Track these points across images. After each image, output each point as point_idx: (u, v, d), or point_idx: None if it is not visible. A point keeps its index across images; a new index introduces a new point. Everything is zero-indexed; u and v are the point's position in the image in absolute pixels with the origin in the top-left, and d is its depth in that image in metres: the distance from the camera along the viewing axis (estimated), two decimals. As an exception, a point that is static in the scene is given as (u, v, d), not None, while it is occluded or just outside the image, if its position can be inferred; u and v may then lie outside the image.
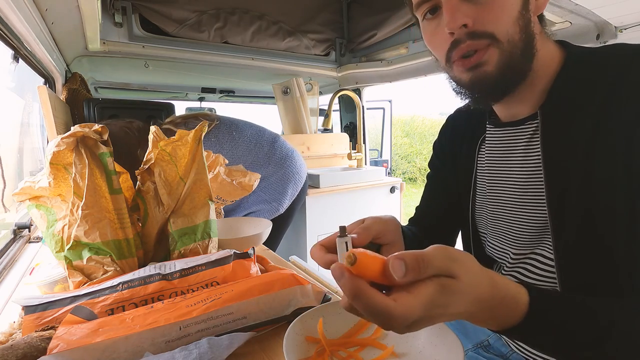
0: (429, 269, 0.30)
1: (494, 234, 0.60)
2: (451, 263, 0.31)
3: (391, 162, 5.76)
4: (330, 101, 2.10)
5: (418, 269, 0.29)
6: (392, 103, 5.29)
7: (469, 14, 0.45)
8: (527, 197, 0.53)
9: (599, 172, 0.44)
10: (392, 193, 2.06)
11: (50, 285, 0.62)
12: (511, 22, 0.45)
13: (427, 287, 0.29)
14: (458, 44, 0.47)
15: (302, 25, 2.06)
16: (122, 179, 0.67)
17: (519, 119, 0.54)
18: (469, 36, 0.46)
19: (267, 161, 1.41)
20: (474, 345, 0.68)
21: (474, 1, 0.45)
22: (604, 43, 1.17)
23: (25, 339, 0.41)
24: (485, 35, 0.45)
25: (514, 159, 0.55)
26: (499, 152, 0.58)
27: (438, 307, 0.30)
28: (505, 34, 0.45)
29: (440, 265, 0.30)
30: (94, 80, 1.94)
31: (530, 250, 0.54)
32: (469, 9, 0.45)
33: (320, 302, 0.53)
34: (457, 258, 0.32)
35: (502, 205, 0.57)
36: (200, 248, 0.70)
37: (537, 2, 0.48)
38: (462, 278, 0.31)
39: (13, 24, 0.85)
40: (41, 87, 1.09)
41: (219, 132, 1.35)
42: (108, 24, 1.55)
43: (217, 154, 1.22)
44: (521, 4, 0.46)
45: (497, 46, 0.46)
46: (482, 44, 0.46)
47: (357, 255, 0.30)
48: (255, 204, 1.42)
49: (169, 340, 0.43)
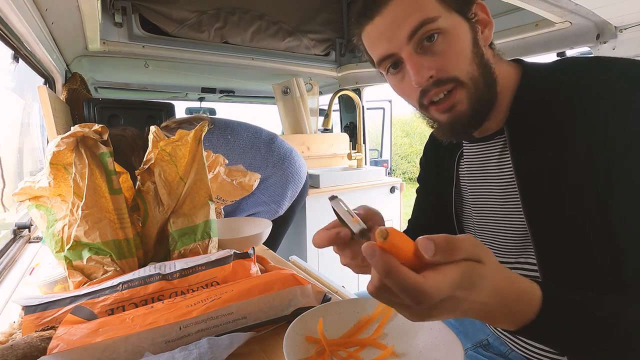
0: (459, 252, 0.31)
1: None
2: (479, 250, 0.32)
3: (391, 162, 5.76)
4: (330, 101, 2.10)
5: (448, 250, 0.30)
6: (392, 103, 5.29)
7: (432, 66, 0.49)
8: (506, 208, 0.56)
9: (565, 179, 0.46)
10: (392, 193, 2.06)
11: (50, 285, 0.62)
12: (468, 62, 0.50)
13: (456, 268, 0.30)
14: (427, 92, 0.51)
15: (302, 25, 2.06)
16: (122, 179, 0.67)
17: (489, 134, 0.57)
18: (435, 84, 0.50)
19: (265, 163, 1.39)
20: (474, 344, 0.68)
21: (430, 52, 0.49)
22: (604, 43, 1.17)
23: (25, 339, 0.41)
24: (449, 80, 0.50)
25: (490, 171, 0.58)
26: (476, 166, 0.61)
27: (463, 290, 0.31)
28: (466, 73, 0.50)
29: (470, 250, 0.31)
30: (94, 80, 1.94)
31: (516, 259, 0.56)
32: (430, 61, 0.49)
33: (320, 302, 0.53)
34: (484, 247, 0.33)
35: (484, 216, 0.60)
36: (200, 248, 0.70)
37: (483, 34, 0.52)
38: (489, 265, 0.32)
39: (13, 24, 0.85)
40: (41, 87, 1.09)
41: (212, 136, 1.33)
42: (108, 24, 1.55)
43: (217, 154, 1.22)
44: (471, 43, 0.50)
45: (462, 87, 0.50)
46: (448, 88, 0.50)
47: (388, 231, 0.30)
48: (254, 205, 1.40)
49: (169, 340, 0.43)
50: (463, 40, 0.50)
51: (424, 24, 0.48)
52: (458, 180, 0.65)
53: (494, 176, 0.57)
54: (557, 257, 0.48)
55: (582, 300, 0.38)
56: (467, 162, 0.63)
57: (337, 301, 0.50)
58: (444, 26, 0.48)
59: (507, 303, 0.34)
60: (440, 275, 0.30)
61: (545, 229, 0.49)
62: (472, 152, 0.61)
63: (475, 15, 0.52)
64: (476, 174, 0.61)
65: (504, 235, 0.57)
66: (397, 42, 0.50)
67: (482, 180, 0.60)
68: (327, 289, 0.65)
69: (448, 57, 0.49)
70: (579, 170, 0.45)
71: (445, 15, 0.48)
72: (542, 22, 1.25)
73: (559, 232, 0.47)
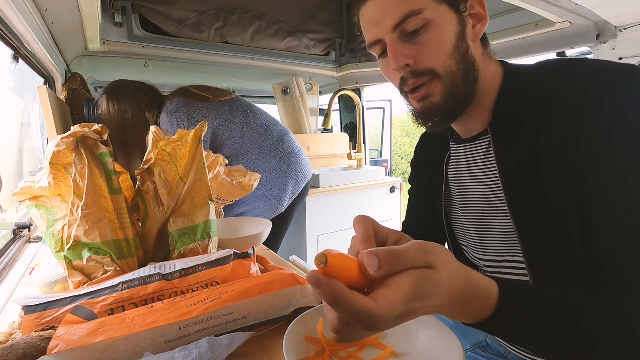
0: (403, 261, 0.29)
1: (472, 244, 0.62)
2: (427, 255, 0.31)
3: (391, 162, 5.76)
4: (330, 101, 2.10)
5: (390, 262, 0.29)
6: (392, 103, 5.29)
7: (410, 55, 0.51)
8: (492, 207, 0.56)
9: (544, 174, 0.47)
10: (392, 193, 2.06)
11: (50, 285, 0.62)
12: (447, 56, 0.50)
13: (405, 279, 0.29)
14: (405, 81, 0.53)
15: (302, 25, 2.06)
16: (122, 179, 0.67)
17: (474, 135, 0.58)
18: (413, 74, 0.52)
19: (273, 153, 1.39)
20: (473, 345, 0.68)
21: (412, 42, 0.51)
22: (604, 43, 1.17)
23: (25, 339, 0.41)
24: (426, 72, 0.51)
25: (476, 172, 0.59)
26: (463, 167, 0.62)
27: (419, 300, 0.30)
28: (443, 67, 0.51)
29: (415, 257, 0.30)
30: (94, 80, 1.94)
31: (503, 258, 0.56)
32: (410, 50, 0.51)
33: (320, 302, 0.53)
34: (433, 250, 0.32)
35: (472, 216, 0.60)
36: (200, 248, 0.70)
37: (474, 30, 0.53)
38: (441, 269, 0.31)
39: (13, 24, 0.85)
40: (41, 87, 1.09)
41: (234, 105, 1.35)
42: (108, 24, 1.55)
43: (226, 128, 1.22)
44: (456, 38, 0.51)
45: (439, 79, 0.51)
46: (425, 80, 0.51)
47: (326, 254, 0.29)
48: (255, 200, 1.39)
49: (169, 340, 0.43)
50: (446, 34, 0.50)
51: (409, 16, 0.49)
52: (447, 180, 0.66)
53: (480, 176, 0.58)
54: (543, 254, 0.49)
55: (541, 296, 0.38)
56: (455, 162, 0.63)
57: (337, 301, 0.50)
58: (429, 17, 0.49)
59: (464, 302, 0.33)
60: (392, 292, 0.28)
61: (529, 226, 0.50)
62: (459, 153, 0.62)
63: (470, 8, 0.52)
64: (463, 174, 0.62)
65: (491, 235, 0.57)
66: (383, 29, 0.51)
67: (469, 180, 0.60)
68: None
69: (427, 49, 0.50)
70: (556, 166, 0.46)
71: (433, 7, 0.49)
72: (542, 22, 1.25)
73: (543, 228, 0.48)
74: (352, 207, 1.92)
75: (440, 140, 0.68)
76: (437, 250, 0.32)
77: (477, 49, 0.53)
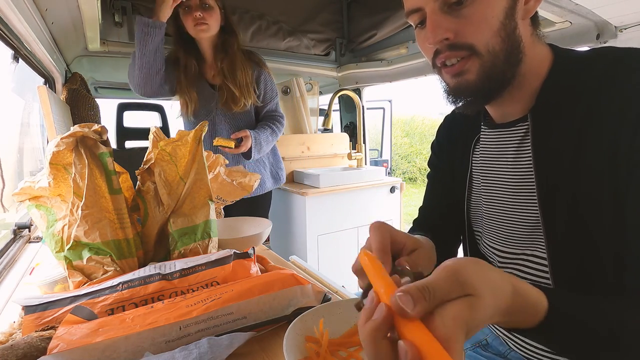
0: (435, 294, 0.27)
1: (488, 233, 0.61)
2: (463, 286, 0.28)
3: (391, 162, 5.76)
4: (330, 101, 2.10)
5: (423, 297, 0.27)
6: (392, 103, 5.29)
7: (450, 28, 0.47)
8: (519, 197, 0.54)
9: (585, 173, 0.44)
10: (392, 193, 2.06)
11: (50, 285, 0.62)
12: (492, 33, 0.46)
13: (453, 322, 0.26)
14: (439, 53, 0.49)
15: (302, 25, 2.06)
16: (122, 179, 0.67)
17: (511, 120, 0.55)
18: (449, 47, 0.48)
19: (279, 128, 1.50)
20: (473, 344, 0.68)
21: (455, 14, 0.47)
22: (604, 43, 1.17)
23: (25, 339, 0.41)
24: (464, 47, 0.47)
25: (507, 159, 0.56)
26: (492, 153, 0.59)
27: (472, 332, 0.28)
28: (485, 45, 0.47)
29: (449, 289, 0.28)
30: (94, 80, 1.94)
31: (522, 251, 0.55)
32: (451, 22, 0.47)
33: (320, 302, 0.53)
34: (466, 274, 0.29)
35: (495, 205, 0.58)
36: (200, 248, 0.70)
37: (525, 6, 0.48)
38: (482, 293, 0.28)
39: (13, 24, 0.85)
40: (41, 87, 1.09)
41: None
42: (108, 24, 1.55)
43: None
44: (504, 14, 0.46)
45: (477, 57, 0.47)
46: (461, 54, 0.48)
47: None
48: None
49: (169, 340, 0.43)
50: (494, 8, 0.46)
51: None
52: (471, 166, 0.63)
53: (511, 164, 0.55)
54: (567, 251, 0.47)
55: (586, 312, 0.37)
56: (484, 147, 0.60)
57: (337, 301, 0.50)
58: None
59: (510, 314, 0.32)
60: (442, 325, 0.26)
61: (558, 221, 0.47)
62: (490, 138, 0.59)
63: None
64: (492, 159, 0.58)
65: (513, 225, 0.55)
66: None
67: (498, 166, 0.57)
68: (327, 289, 0.65)
69: (470, 23, 0.46)
70: (602, 162, 0.43)
71: None
72: (542, 22, 1.24)
73: (571, 226, 0.46)
74: (352, 207, 1.92)
75: (469, 122, 0.64)
76: (471, 271, 0.29)
77: (525, 29, 0.49)
